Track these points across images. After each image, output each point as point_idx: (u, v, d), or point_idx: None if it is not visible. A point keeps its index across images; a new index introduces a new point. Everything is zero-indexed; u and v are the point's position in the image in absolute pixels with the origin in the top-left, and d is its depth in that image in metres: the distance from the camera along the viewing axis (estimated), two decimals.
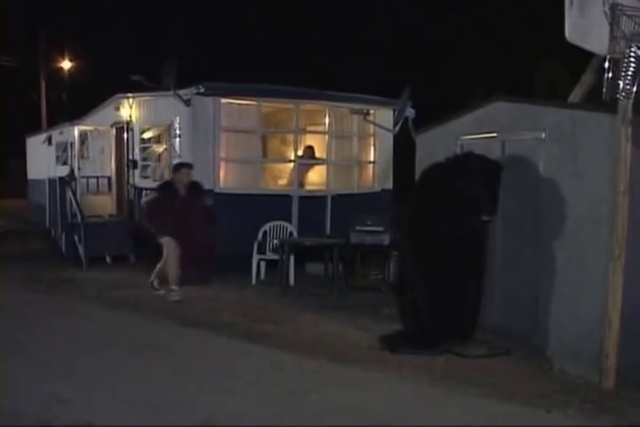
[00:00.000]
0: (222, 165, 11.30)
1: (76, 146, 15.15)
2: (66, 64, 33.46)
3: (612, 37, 5.25)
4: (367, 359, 6.32)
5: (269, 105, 11.93)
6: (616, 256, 5.33)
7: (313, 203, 11.49)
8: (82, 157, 14.83)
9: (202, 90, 10.78)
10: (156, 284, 9.55)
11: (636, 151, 5.31)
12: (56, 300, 9.10)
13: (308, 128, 12.57)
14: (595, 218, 5.65)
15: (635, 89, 5.19)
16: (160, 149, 12.42)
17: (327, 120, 12.15)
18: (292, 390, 5.50)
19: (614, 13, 5.23)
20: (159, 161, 12.55)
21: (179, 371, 5.98)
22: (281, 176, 12.48)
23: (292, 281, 10.00)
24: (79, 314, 8.32)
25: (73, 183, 13.01)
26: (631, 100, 5.23)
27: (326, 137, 12.20)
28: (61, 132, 17.15)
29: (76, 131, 15.11)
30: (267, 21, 30.81)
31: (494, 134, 6.97)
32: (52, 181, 13.49)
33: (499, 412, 5.05)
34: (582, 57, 6.57)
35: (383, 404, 5.22)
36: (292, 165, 12.01)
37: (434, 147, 7.64)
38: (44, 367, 6.00)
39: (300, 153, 12.03)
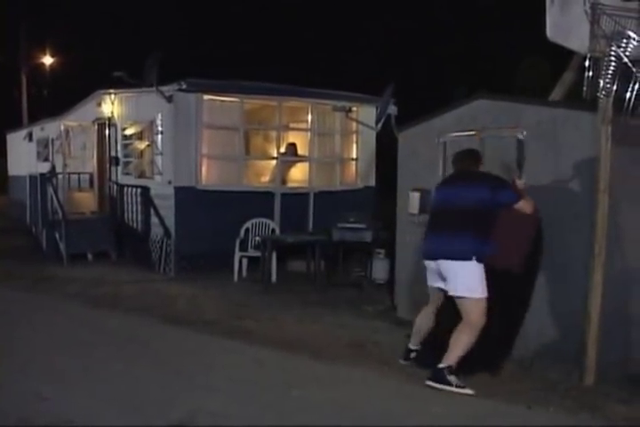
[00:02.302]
0: (204, 161, 11.27)
1: (58, 142, 15.10)
2: (47, 60, 33.21)
3: (593, 36, 5.28)
4: (349, 356, 6.34)
5: (252, 102, 11.91)
6: (596, 254, 5.36)
7: (295, 200, 11.50)
8: (64, 153, 14.78)
9: (184, 86, 10.75)
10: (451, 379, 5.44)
11: (616, 150, 5.34)
12: (37, 297, 9.04)
13: (291, 125, 12.60)
14: (575, 216, 5.70)
15: (615, 88, 5.22)
16: (142, 145, 12.39)
17: (310, 117, 12.17)
18: (274, 386, 5.50)
19: (595, 12, 5.25)
20: (141, 158, 12.53)
21: (160, 368, 5.96)
22: (263, 173, 12.48)
23: (274, 278, 10.00)
24: (60, 312, 8.27)
25: (54, 180, 12.94)
26: (611, 99, 5.26)
27: (309, 134, 12.22)
28: (42, 129, 17.08)
29: (59, 127, 15.05)
30: (257, 19, 30.70)
31: (475, 132, 7.00)
32: (32, 178, 13.39)
33: (480, 408, 5.08)
34: (563, 56, 6.60)
35: (364, 400, 5.23)
36: (274, 162, 12.01)
37: (415, 144, 7.67)
38: (26, 366, 5.96)
39: (282, 150, 12.03)
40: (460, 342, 5.45)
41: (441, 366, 5.44)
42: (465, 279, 5.46)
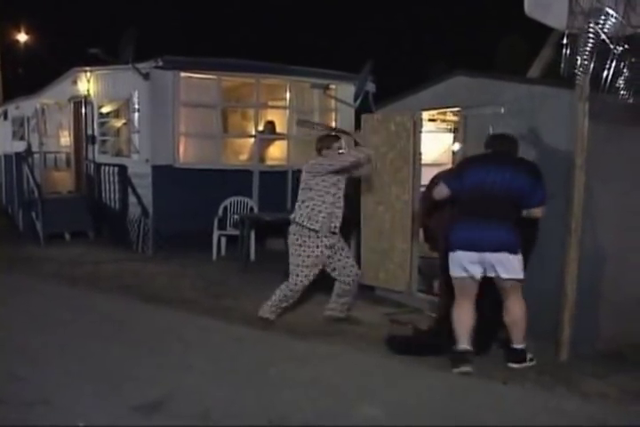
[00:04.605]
0: (182, 139, 11.20)
1: (34, 121, 14.93)
2: (22, 37, 32.72)
3: (571, 12, 5.25)
4: (327, 333, 6.35)
5: (230, 79, 11.83)
6: (572, 230, 5.39)
7: (274, 178, 11.45)
8: (40, 132, 14.63)
9: (161, 63, 10.66)
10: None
11: (593, 126, 5.35)
12: (13, 277, 8.98)
13: (269, 103, 12.51)
14: (552, 193, 5.70)
15: (592, 65, 5.21)
16: (119, 123, 12.28)
17: (288, 95, 12.10)
18: (252, 364, 5.50)
19: None
20: (118, 136, 12.42)
21: (137, 347, 5.94)
22: (241, 151, 12.42)
23: (252, 257, 9.99)
24: (37, 291, 8.21)
25: (30, 159, 12.82)
26: (589, 76, 5.25)
27: (287, 112, 12.15)
28: (17, 107, 16.88)
29: (34, 105, 14.88)
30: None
31: (454, 109, 7.00)
32: (8, 157, 13.25)
33: (457, 384, 5.12)
34: (542, 32, 6.59)
35: (342, 377, 5.25)
36: (252, 140, 11.95)
37: None
38: (1, 346, 5.92)
39: (260, 128, 11.96)
40: (521, 319, 5.40)
41: (519, 347, 5.44)
42: (516, 265, 5.27)
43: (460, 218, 5.43)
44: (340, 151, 6.63)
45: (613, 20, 5.12)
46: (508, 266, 5.25)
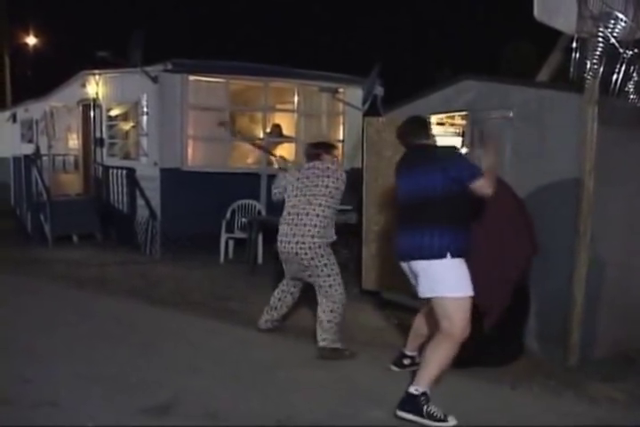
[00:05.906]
0: (190, 142, 11.22)
1: (43, 124, 15.00)
2: (31, 40, 32.85)
3: (580, 16, 5.24)
4: None
5: (238, 82, 11.85)
6: (581, 234, 5.37)
7: None
8: (48, 134, 14.69)
9: (169, 66, 10.69)
10: None
11: (601, 131, 5.34)
12: (22, 279, 8.98)
13: (277, 106, 12.53)
14: (561, 197, 5.69)
15: (601, 69, 5.20)
16: (127, 126, 12.32)
17: (296, 98, 12.11)
18: (259, 367, 5.51)
19: None
20: (126, 139, 12.45)
21: (145, 349, 5.95)
22: (249, 154, 12.43)
23: (260, 260, 9.98)
24: (45, 293, 8.23)
25: (38, 161, 12.86)
26: (598, 80, 5.25)
27: (295, 115, 12.16)
28: (26, 110, 16.96)
29: (43, 108, 14.94)
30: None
31: (462, 113, 6.99)
32: (16, 159, 13.28)
33: (464, 389, 5.10)
34: (551, 36, 6.57)
35: (349, 380, 5.25)
36: (260, 143, 11.95)
37: None
38: (8, 347, 5.94)
39: (267, 131, 11.98)
40: (436, 357, 4.47)
41: (413, 391, 4.46)
42: (441, 277, 4.48)
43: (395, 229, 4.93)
44: (335, 159, 6.56)
45: (623, 23, 5.11)
46: (431, 278, 4.51)
